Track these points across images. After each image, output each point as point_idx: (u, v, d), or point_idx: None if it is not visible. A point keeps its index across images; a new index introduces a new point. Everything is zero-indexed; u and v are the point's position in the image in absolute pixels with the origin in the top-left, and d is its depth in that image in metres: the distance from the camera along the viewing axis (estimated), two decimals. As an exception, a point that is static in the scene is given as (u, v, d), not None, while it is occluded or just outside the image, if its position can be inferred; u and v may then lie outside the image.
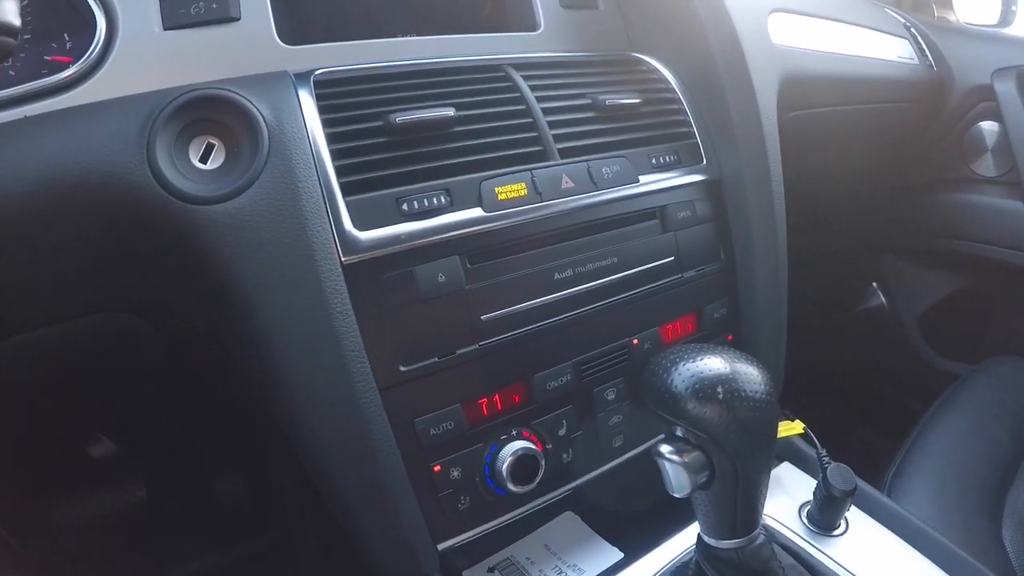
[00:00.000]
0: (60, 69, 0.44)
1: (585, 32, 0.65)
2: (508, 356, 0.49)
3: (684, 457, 0.40)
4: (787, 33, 0.73)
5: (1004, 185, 0.99)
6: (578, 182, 0.51)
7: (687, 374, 0.39)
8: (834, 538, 0.53)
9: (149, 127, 0.41)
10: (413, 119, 0.46)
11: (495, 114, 0.50)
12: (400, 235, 0.44)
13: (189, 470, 0.90)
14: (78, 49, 0.45)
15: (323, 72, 0.48)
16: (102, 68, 0.45)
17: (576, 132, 0.53)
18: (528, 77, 0.54)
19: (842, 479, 0.52)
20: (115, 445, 0.82)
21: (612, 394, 0.54)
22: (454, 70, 0.52)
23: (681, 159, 0.59)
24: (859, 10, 0.95)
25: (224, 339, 0.49)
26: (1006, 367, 0.90)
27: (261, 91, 0.44)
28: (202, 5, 0.48)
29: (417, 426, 0.46)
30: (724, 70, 0.61)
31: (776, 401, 0.41)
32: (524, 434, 0.50)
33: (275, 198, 0.42)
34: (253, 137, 0.43)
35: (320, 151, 0.44)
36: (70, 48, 0.45)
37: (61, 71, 0.44)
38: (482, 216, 0.47)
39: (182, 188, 0.41)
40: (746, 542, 0.43)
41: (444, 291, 0.46)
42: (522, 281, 0.49)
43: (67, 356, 0.53)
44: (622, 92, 0.57)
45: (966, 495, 0.71)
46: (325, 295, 0.42)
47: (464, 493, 0.48)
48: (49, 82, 0.43)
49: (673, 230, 0.57)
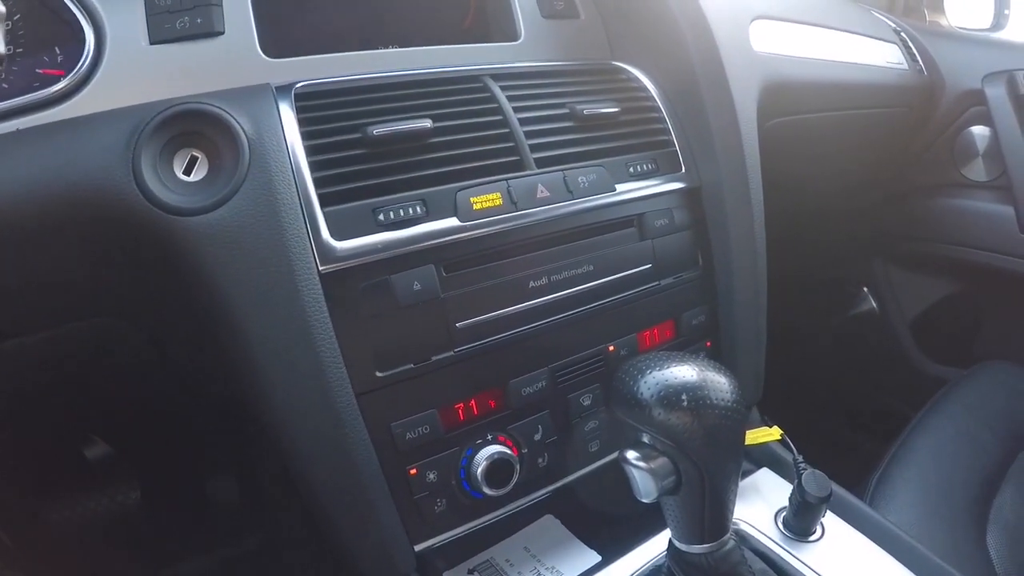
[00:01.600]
0: (52, 82, 0.45)
1: (566, 41, 0.65)
2: (484, 362, 0.50)
3: (650, 463, 0.40)
4: (769, 40, 0.74)
5: (994, 190, 0.99)
6: (554, 191, 0.52)
7: (653, 382, 0.40)
8: (809, 544, 0.54)
9: (135, 141, 0.42)
10: (390, 131, 0.47)
11: (472, 125, 0.51)
12: (376, 244, 0.45)
13: (182, 472, 0.91)
14: (68, 62, 0.47)
15: (304, 85, 0.49)
16: (91, 82, 0.46)
17: (553, 142, 0.54)
18: (506, 87, 0.55)
19: (817, 485, 0.52)
20: (109, 447, 0.84)
21: (588, 400, 0.55)
22: (432, 81, 0.53)
23: (659, 167, 0.60)
24: (847, 15, 0.95)
25: (208, 344, 0.50)
26: (996, 371, 0.90)
27: (242, 105, 0.45)
28: (187, 20, 0.49)
29: (394, 430, 0.47)
30: (703, 78, 0.62)
31: (743, 408, 0.41)
32: (500, 439, 0.51)
33: (255, 209, 0.43)
34: (234, 150, 0.44)
35: (299, 163, 0.45)
36: (61, 61, 0.47)
37: (52, 84, 0.45)
38: (457, 226, 0.48)
39: (166, 200, 0.42)
40: (716, 547, 0.43)
41: (420, 299, 0.47)
42: (497, 289, 0.50)
43: (58, 360, 0.55)
44: (601, 101, 0.58)
45: (951, 500, 0.71)
46: (303, 303, 0.43)
47: (440, 496, 0.49)
48: (41, 95, 0.45)
49: (650, 238, 0.58)
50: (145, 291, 0.50)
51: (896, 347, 1.16)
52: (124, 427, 0.82)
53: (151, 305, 0.51)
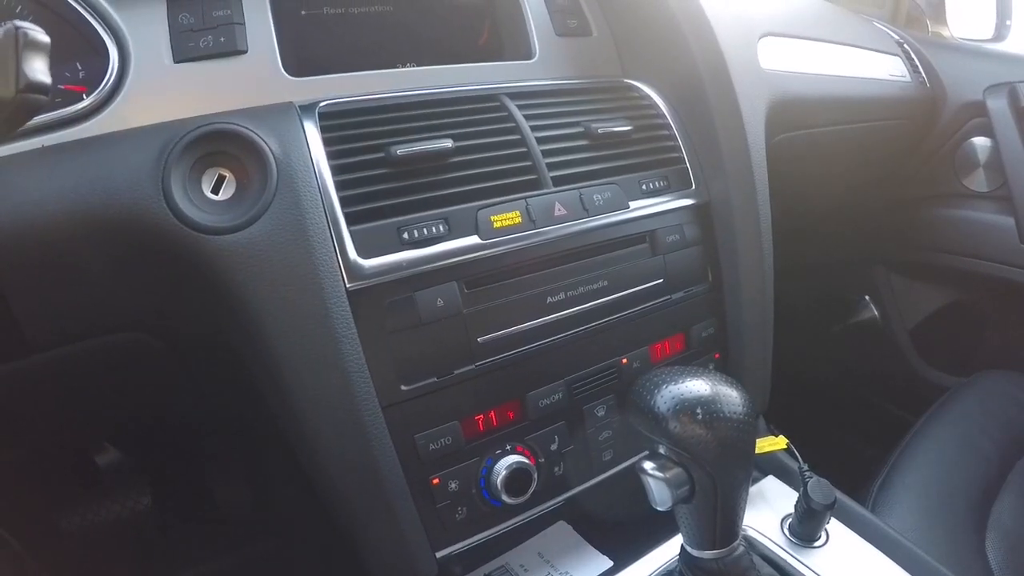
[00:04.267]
0: (75, 99, 0.46)
1: (579, 59, 0.67)
2: (503, 375, 0.51)
3: (666, 473, 0.42)
4: (777, 57, 0.75)
5: (995, 200, 1.01)
6: (570, 209, 0.54)
7: (669, 396, 0.42)
8: (814, 549, 0.56)
9: (164, 160, 0.43)
10: (413, 151, 0.49)
11: (491, 144, 0.53)
12: (401, 262, 0.47)
13: (193, 478, 0.92)
14: (90, 78, 0.47)
15: (327, 104, 0.50)
16: (116, 99, 0.47)
17: (569, 160, 0.56)
18: (523, 106, 0.56)
19: (822, 493, 0.54)
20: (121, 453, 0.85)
21: (602, 411, 0.57)
22: (452, 100, 0.55)
23: (670, 184, 0.61)
24: (851, 29, 0.97)
25: (237, 359, 0.52)
26: (996, 380, 0.92)
27: (269, 124, 0.46)
28: (211, 39, 0.50)
29: (417, 441, 0.48)
30: (712, 96, 0.63)
31: (754, 420, 0.43)
32: (518, 449, 0.52)
33: (284, 228, 0.44)
34: (262, 170, 0.45)
35: (325, 182, 0.46)
36: (83, 77, 0.48)
37: (76, 102, 0.46)
38: (478, 244, 0.49)
39: (196, 219, 0.43)
40: (726, 552, 0.45)
41: (443, 315, 0.48)
42: (516, 305, 0.51)
43: (82, 372, 0.56)
44: (614, 120, 0.60)
45: (951, 507, 0.73)
46: (331, 319, 0.44)
47: (461, 504, 0.50)
48: (65, 113, 0.45)
49: (662, 253, 0.59)
50: (173, 307, 0.51)
51: (897, 355, 1.18)
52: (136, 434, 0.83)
53: (177, 321, 0.52)
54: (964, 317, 1.15)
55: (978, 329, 1.14)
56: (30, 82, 0.32)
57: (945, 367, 1.13)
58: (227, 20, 0.51)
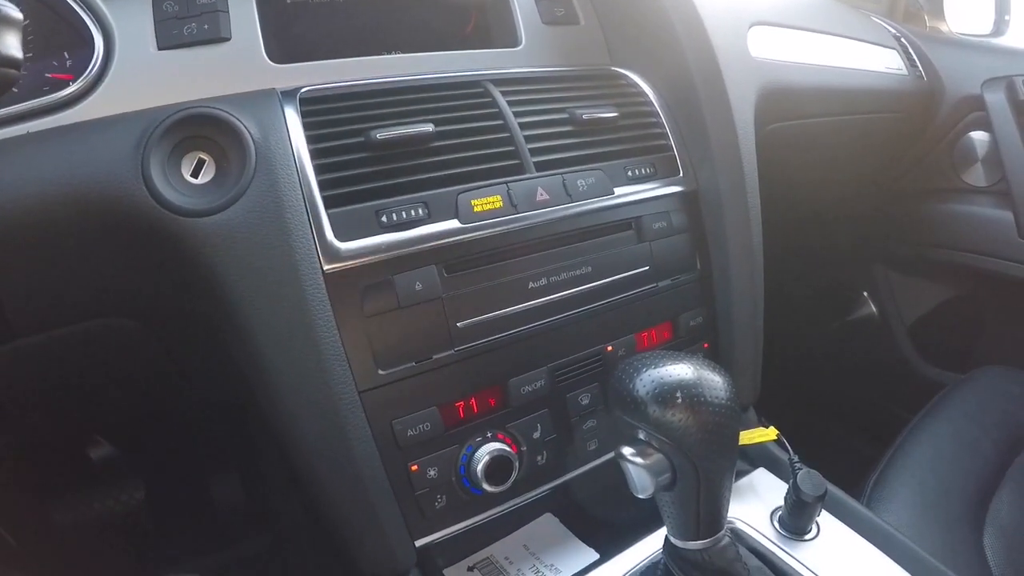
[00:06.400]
0: (61, 87, 0.47)
1: (566, 47, 0.67)
2: (484, 361, 0.51)
3: (646, 459, 0.41)
4: (768, 46, 0.75)
5: (993, 195, 1.00)
6: (553, 194, 0.53)
7: (648, 379, 0.41)
8: (804, 542, 0.54)
9: (144, 144, 0.44)
10: (393, 135, 0.49)
11: (473, 129, 0.53)
12: (379, 245, 0.47)
13: (187, 473, 0.92)
14: (77, 67, 0.48)
15: (308, 90, 0.51)
16: (100, 86, 0.47)
17: (552, 146, 0.55)
18: (507, 92, 0.56)
19: (812, 484, 0.53)
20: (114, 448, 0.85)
21: (586, 399, 0.56)
22: (434, 86, 0.54)
23: (657, 171, 0.61)
24: (846, 21, 0.96)
25: (214, 342, 0.51)
26: (994, 376, 0.91)
27: (249, 109, 0.47)
28: (195, 26, 0.50)
29: (395, 427, 0.48)
30: (700, 84, 0.63)
31: (737, 406, 0.42)
32: (499, 436, 0.52)
33: (261, 210, 0.44)
34: (241, 153, 0.45)
35: (304, 166, 0.46)
36: (70, 66, 0.48)
37: (62, 89, 0.46)
38: (458, 227, 0.49)
39: (175, 201, 0.43)
40: (711, 543, 0.44)
41: (421, 299, 0.48)
42: (497, 289, 0.51)
43: (67, 359, 0.56)
44: (600, 106, 0.59)
45: (948, 502, 0.72)
46: (307, 301, 0.44)
47: (440, 492, 0.50)
48: (51, 99, 0.46)
49: (648, 240, 0.59)
50: (153, 290, 0.51)
51: (895, 351, 1.16)
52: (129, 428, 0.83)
53: (159, 304, 0.53)
54: (962, 313, 1.13)
55: (976, 325, 1.13)
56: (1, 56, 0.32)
57: (943, 363, 1.12)
58: (211, 8, 0.52)
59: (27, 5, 0.48)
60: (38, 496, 0.83)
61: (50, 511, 0.84)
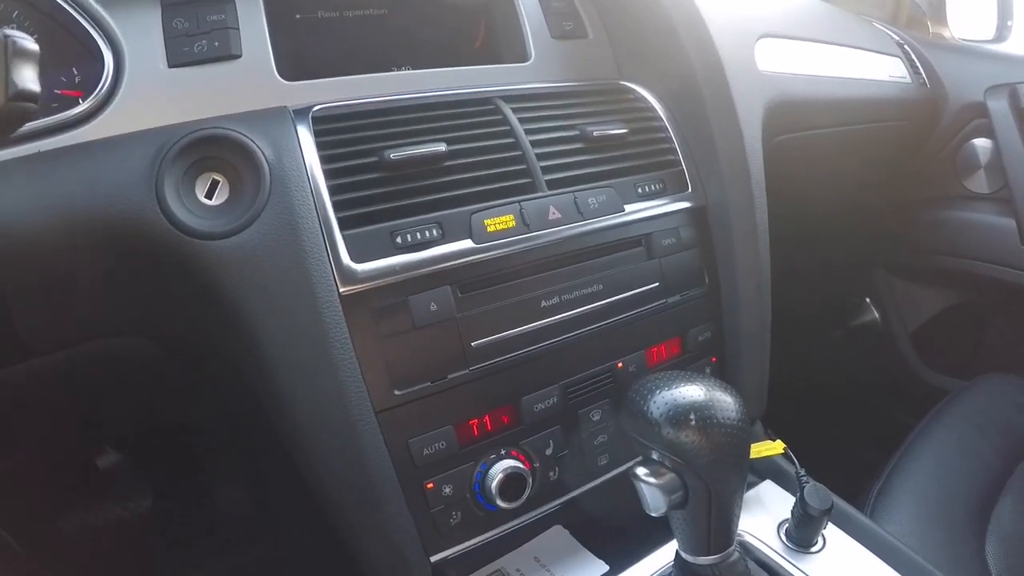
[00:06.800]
0: (71, 104, 0.46)
1: (575, 61, 0.67)
2: (497, 380, 0.51)
3: (659, 479, 0.42)
4: (774, 59, 0.75)
5: (996, 202, 1.00)
6: (565, 213, 0.53)
7: (662, 401, 0.41)
8: (811, 555, 0.55)
9: (158, 165, 0.43)
10: (407, 155, 0.49)
11: (485, 148, 0.53)
12: (395, 267, 0.47)
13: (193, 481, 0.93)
14: (86, 83, 0.47)
15: (321, 108, 0.50)
16: (111, 104, 0.47)
17: (563, 163, 0.56)
18: (517, 109, 0.56)
19: (819, 498, 0.54)
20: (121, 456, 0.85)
21: (597, 415, 0.56)
22: (445, 104, 0.54)
23: (667, 187, 0.61)
24: (851, 30, 0.96)
25: (231, 363, 0.52)
26: (997, 383, 0.91)
27: (262, 129, 0.47)
28: (205, 44, 0.50)
29: (411, 446, 0.48)
30: (708, 98, 0.63)
31: (748, 426, 0.43)
32: (513, 453, 0.52)
33: (277, 233, 0.44)
34: (255, 175, 0.45)
35: (319, 186, 0.46)
36: (79, 82, 0.48)
37: (72, 106, 0.46)
38: (472, 248, 0.49)
39: (189, 224, 0.43)
40: (721, 559, 0.45)
41: (436, 319, 0.48)
42: (511, 309, 0.51)
43: (79, 375, 0.56)
44: (609, 122, 0.59)
45: (951, 510, 0.72)
46: (324, 324, 0.44)
47: (455, 508, 0.50)
48: (62, 118, 0.46)
49: (658, 257, 0.59)
50: (167, 311, 0.51)
51: (898, 358, 1.17)
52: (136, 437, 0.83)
53: (173, 324, 0.53)
54: (965, 320, 1.14)
55: (979, 332, 1.13)
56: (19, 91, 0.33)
57: (946, 370, 1.13)
58: (221, 25, 0.51)
59: (34, 19, 0.48)
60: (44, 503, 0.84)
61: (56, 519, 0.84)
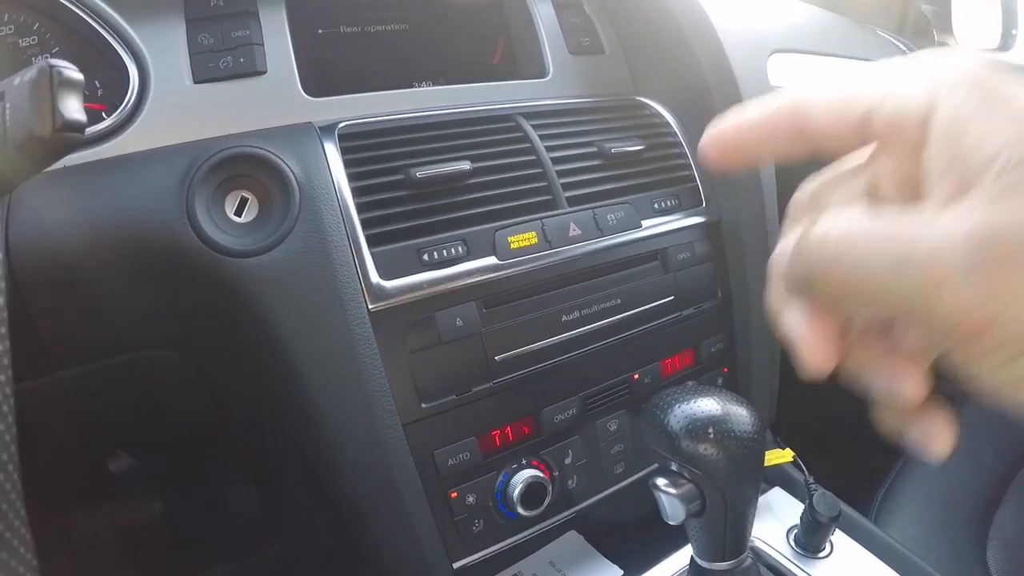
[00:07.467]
0: (95, 118, 0.47)
1: (592, 77, 0.68)
2: (519, 392, 0.53)
3: (678, 489, 0.43)
4: (787, 73, 0.76)
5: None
6: (584, 229, 0.55)
7: (681, 415, 0.43)
8: (819, 560, 0.57)
9: (188, 182, 0.44)
10: (432, 173, 0.50)
11: (507, 165, 0.54)
12: (422, 283, 0.48)
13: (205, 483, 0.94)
14: (110, 97, 0.48)
15: (347, 125, 0.51)
16: (136, 120, 0.47)
17: (583, 180, 0.57)
18: (537, 126, 0.57)
19: (827, 505, 0.56)
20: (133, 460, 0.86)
21: (614, 425, 0.58)
22: (468, 121, 0.55)
23: (682, 202, 0.62)
24: (859, 41, 0.97)
25: (258, 378, 0.53)
26: (997, 388, 0.93)
27: (290, 147, 0.47)
28: (230, 60, 0.51)
29: (436, 457, 0.50)
30: (722, 113, 0.64)
31: (763, 437, 0.44)
32: (533, 463, 0.54)
33: (307, 251, 0.45)
34: (285, 192, 0.46)
35: (347, 204, 0.47)
36: (101, 96, 0.48)
37: (97, 121, 0.47)
38: (496, 264, 0.51)
39: (221, 242, 0.44)
40: (735, 564, 0.46)
41: (462, 334, 0.49)
42: (533, 323, 0.53)
43: (104, 388, 0.56)
44: (626, 139, 0.61)
45: (953, 515, 0.74)
46: (354, 341, 0.46)
47: (478, 517, 0.52)
48: (88, 133, 0.45)
49: (673, 271, 0.60)
50: (198, 326, 0.52)
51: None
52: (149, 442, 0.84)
53: (202, 338, 0.54)
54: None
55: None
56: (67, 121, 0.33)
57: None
58: (246, 41, 0.52)
59: (57, 31, 0.49)
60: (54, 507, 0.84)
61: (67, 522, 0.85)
